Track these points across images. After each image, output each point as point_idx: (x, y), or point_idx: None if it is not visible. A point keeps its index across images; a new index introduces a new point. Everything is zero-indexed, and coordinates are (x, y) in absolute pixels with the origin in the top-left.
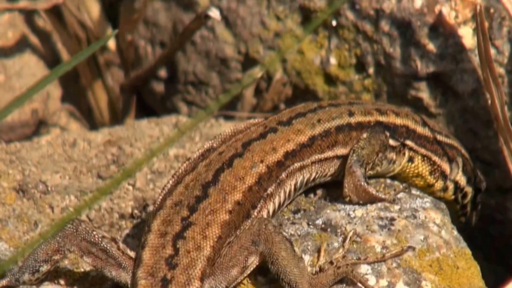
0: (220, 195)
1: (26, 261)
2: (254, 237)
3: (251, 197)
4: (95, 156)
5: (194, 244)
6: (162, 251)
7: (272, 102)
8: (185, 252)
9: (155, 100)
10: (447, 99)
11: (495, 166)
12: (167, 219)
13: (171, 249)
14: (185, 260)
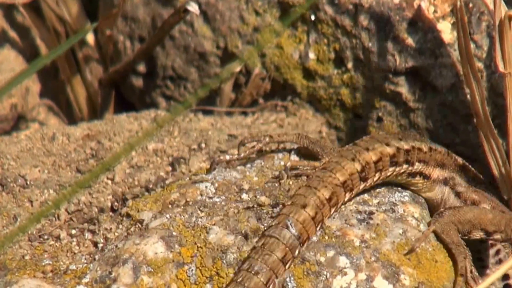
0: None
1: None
2: None
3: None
4: (74, 150)
5: None
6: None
7: (251, 97)
8: None
9: (134, 95)
10: (426, 93)
11: (474, 161)
12: None
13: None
14: None
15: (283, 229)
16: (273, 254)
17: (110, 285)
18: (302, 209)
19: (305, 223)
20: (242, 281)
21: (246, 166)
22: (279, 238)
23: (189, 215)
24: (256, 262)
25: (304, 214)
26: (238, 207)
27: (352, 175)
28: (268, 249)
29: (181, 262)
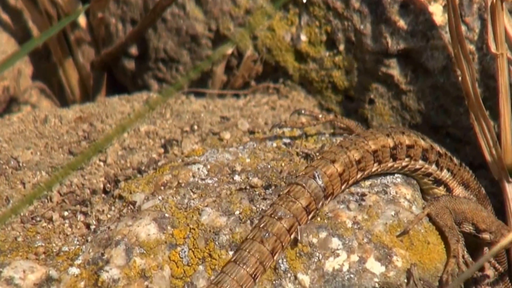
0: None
1: None
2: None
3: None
4: (66, 132)
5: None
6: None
7: (242, 79)
8: None
9: (126, 77)
10: (418, 76)
11: (465, 143)
12: None
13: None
14: None
15: (309, 179)
16: (297, 201)
17: (103, 267)
18: (330, 164)
19: (332, 177)
20: (265, 226)
21: (238, 148)
22: (305, 186)
23: (181, 196)
24: (280, 208)
25: (332, 169)
26: (231, 188)
27: (384, 148)
28: (293, 196)
29: (173, 244)
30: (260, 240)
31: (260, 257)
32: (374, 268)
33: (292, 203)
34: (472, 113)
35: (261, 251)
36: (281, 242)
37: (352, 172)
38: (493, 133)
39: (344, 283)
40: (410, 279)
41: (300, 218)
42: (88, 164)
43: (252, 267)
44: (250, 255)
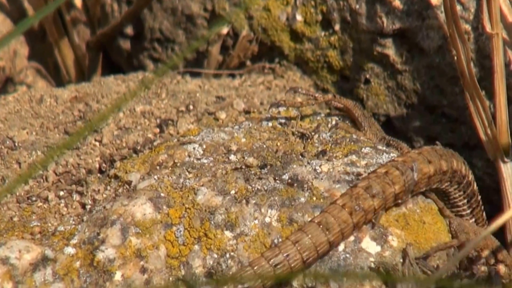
0: None
1: None
2: None
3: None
4: (62, 112)
5: None
6: None
7: (238, 59)
8: None
9: (122, 57)
10: (413, 55)
11: (461, 123)
12: None
13: None
14: None
15: (408, 169)
16: (393, 186)
17: (98, 246)
18: (427, 163)
19: (424, 176)
20: (357, 198)
21: (234, 128)
22: (403, 174)
23: (177, 176)
24: (375, 186)
25: (427, 168)
26: (226, 168)
27: (455, 172)
28: (390, 180)
29: (169, 223)
30: (350, 211)
31: (343, 228)
32: (370, 248)
33: (388, 186)
34: (467, 93)
35: (346, 222)
36: (365, 220)
37: (433, 180)
38: (488, 113)
39: (339, 263)
40: (405, 259)
41: (388, 203)
42: (83, 144)
43: (334, 235)
44: (335, 222)
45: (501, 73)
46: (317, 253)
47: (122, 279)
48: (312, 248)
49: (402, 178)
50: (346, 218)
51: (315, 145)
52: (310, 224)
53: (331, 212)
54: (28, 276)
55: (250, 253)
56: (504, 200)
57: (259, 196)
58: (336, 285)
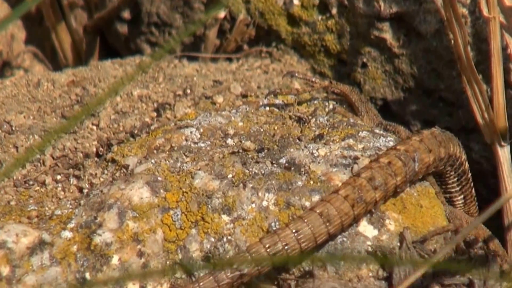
0: None
1: None
2: None
3: None
4: (59, 96)
5: None
6: None
7: (235, 43)
8: None
9: (119, 41)
10: (410, 39)
11: (458, 106)
12: None
13: None
14: None
15: (410, 159)
16: (395, 178)
17: (96, 230)
18: (427, 153)
19: (424, 165)
20: (360, 189)
21: (231, 112)
22: (405, 165)
23: (174, 160)
24: (379, 177)
25: (428, 158)
26: (223, 152)
27: (450, 157)
28: (393, 171)
29: (166, 207)
30: (352, 204)
31: (344, 220)
32: (367, 232)
33: (390, 178)
34: (464, 76)
35: (348, 214)
36: (366, 211)
37: (430, 168)
38: (485, 97)
39: (336, 247)
40: (403, 243)
41: (389, 194)
42: (81, 128)
43: (334, 227)
44: (336, 214)
45: (498, 57)
46: (316, 243)
47: (119, 263)
48: (311, 239)
49: (404, 169)
50: (347, 211)
51: (312, 129)
52: (311, 213)
53: (334, 204)
54: (25, 260)
55: (247, 237)
56: (501, 184)
57: (257, 180)
58: (333, 268)
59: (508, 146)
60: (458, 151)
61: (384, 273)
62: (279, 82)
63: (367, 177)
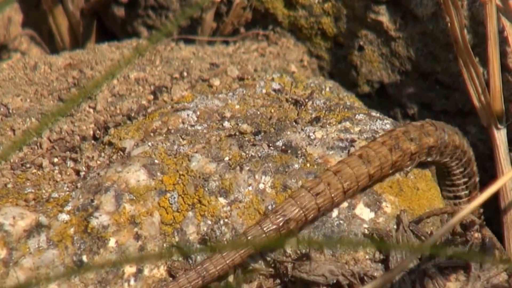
0: None
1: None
2: None
3: None
4: (56, 79)
5: None
6: None
7: (232, 26)
8: None
9: (116, 24)
10: (407, 22)
11: (455, 89)
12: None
13: None
14: None
15: (440, 128)
16: (428, 137)
17: (92, 213)
18: (426, 137)
19: (448, 144)
20: (396, 138)
21: (227, 94)
22: (437, 129)
23: (171, 143)
24: (413, 132)
25: (428, 141)
26: (220, 135)
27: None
28: (426, 132)
29: (163, 190)
30: (389, 148)
31: (382, 162)
32: (364, 214)
33: (424, 136)
34: (461, 59)
35: (386, 157)
36: (402, 162)
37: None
38: (481, 79)
39: (333, 229)
40: (399, 225)
41: (421, 154)
42: (78, 111)
43: (374, 168)
44: (375, 155)
45: (495, 40)
46: (358, 184)
47: (116, 246)
48: (353, 179)
49: (436, 133)
50: (385, 154)
51: (309, 112)
52: (350, 156)
53: (372, 147)
54: (22, 242)
55: (244, 220)
56: (498, 167)
57: (253, 163)
58: (330, 251)
59: (505, 129)
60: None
61: (381, 256)
62: (275, 65)
63: (402, 131)
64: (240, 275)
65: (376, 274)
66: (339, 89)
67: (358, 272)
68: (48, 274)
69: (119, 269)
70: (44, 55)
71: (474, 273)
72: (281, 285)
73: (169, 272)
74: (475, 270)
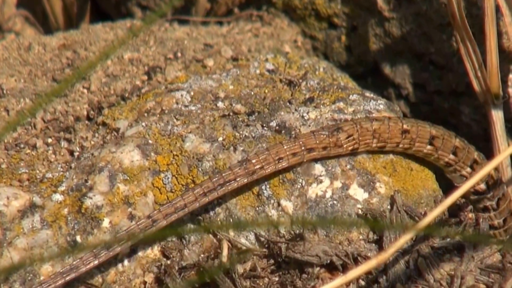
0: None
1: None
2: None
3: None
4: (50, 60)
5: None
6: None
7: (226, 6)
8: None
9: (110, 4)
10: (401, 3)
11: (448, 70)
12: None
13: None
14: None
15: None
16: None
17: (86, 193)
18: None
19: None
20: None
21: (221, 75)
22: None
23: (165, 123)
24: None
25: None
26: (214, 115)
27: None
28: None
29: (157, 170)
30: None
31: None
32: (357, 195)
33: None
34: (458, 35)
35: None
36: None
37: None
38: (478, 55)
39: (327, 209)
40: (393, 206)
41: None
42: (71, 91)
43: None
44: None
45: (492, 17)
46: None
47: (110, 226)
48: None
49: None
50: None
51: (302, 92)
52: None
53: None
54: (16, 223)
55: (238, 200)
56: (494, 144)
57: (247, 143)
58: (324, 231)
59: (501, 105)
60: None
61: (375, 236)
62: (269, 46)
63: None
64: (234, 255)
65: (370, 254)
66: (333, 70)
67: (352, 253)
68: (42, 254)
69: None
70: (38, 36)
71: (468, 253)
72: (275, 266)
73: (163, 252)
74: (469, 250)
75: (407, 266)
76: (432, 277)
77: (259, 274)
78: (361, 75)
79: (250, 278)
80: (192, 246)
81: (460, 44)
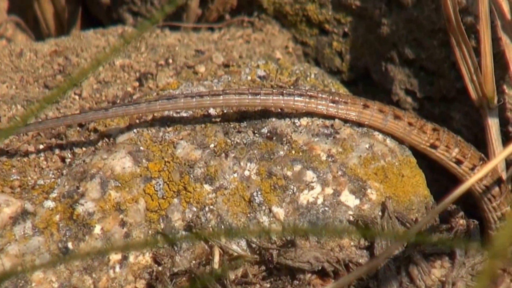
0: None
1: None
2: None
3: None
4: (41, 66)
5: None
6: None
7: (217, 12)
8: None
9: (101, 11)
10: (392, 9)
11: (439, 76)
12: None
13: None
14: None
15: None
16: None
17: (78, 200)
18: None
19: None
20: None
21: (213, 81)
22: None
23: (156, 129)
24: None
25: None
26: (205, 121)
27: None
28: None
29: (148, 177)
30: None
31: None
32: (349, 201)
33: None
34: (453, 38)
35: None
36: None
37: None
38: (473, 58)
39: (318, 216)
40: (384, 212)
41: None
42: (63, 98)
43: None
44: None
45: (486, 20)
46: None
47: (102, 233)
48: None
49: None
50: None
51: None
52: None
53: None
54: (7, 229)
55: (229, 207)
56: (489, 148)
57: (238, 150)
58: (315, 238)
59: (497, 109)
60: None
61: (366, 243)
62: (260, 52)
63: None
64: (226, 262)
65: (361, 261)
66: (324, 76)
67: (343, 259)
68: (33, 261)
69: (105, 256)
70: (29, 42)
71: (459, 259)
72: (266, 272)
73: (154, 259)
74: (460, 256)
75: (398, 273)
76: (424, 284)
77: (250, 280)
78: (352, 81)
79: (242, 284)
80: (183, 253)
81: (456, 48)
